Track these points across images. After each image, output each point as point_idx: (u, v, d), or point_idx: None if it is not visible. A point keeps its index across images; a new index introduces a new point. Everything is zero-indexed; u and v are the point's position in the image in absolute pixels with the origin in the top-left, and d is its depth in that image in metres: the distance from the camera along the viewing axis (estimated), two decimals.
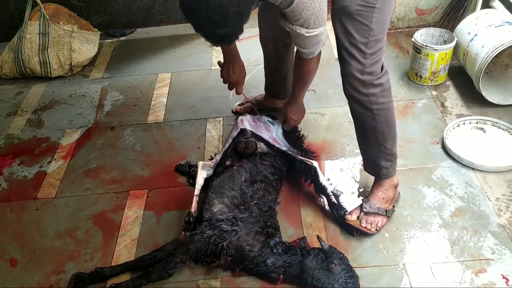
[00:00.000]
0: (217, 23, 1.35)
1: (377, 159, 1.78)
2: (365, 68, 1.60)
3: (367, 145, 1.79)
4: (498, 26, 2.34)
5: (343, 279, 1.56)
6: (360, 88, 1.64)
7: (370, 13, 1.55)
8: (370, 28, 1.56)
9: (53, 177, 2.19)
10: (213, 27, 1.36)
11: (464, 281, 1.63)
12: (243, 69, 2.07)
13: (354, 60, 1.60)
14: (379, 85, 1.64)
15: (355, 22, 1.56)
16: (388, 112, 1.71)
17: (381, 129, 1.71)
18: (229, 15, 1.32)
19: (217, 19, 1.33)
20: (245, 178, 1.83)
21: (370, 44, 1.58)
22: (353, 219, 1.81)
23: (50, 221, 1.98)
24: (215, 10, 1.30)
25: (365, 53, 1.59)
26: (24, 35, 2.81)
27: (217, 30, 1.37)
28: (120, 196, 2.07)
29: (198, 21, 1.37)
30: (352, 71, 1.61)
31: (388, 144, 1.75)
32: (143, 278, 1.64)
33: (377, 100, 1.66)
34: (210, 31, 1.39)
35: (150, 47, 3.13)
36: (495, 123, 2.24)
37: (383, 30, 1.62)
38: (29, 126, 2.54)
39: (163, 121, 2.49)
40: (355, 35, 1.57)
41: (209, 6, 1.30)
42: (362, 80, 1.62)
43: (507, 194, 1.93)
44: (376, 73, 1.63)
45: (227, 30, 1.38)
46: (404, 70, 2.68)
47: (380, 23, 1.58)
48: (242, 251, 1.66)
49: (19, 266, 1.81)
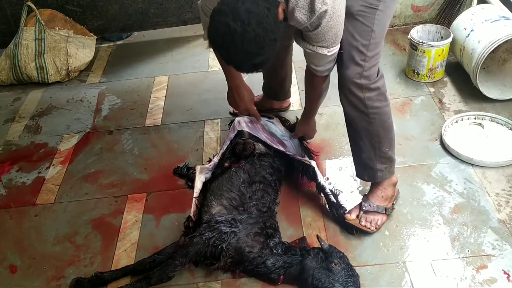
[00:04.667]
0: (253, 54, 1.31)
1: (372, 162, 1.75)
2: (363, 71, 1.58)
3: (361, 150, 1.75)
4: (494, 21, 2.33)
5: (344, 278, 1.56)
6: (357, 92, 1.61)
7: (372, 15, 1.53)
8: (372, 30, 1.54)
9: (52, 183, 2.19)
10: (248, 59, 1.32)
11: (465, 278, 1.63)
12: (250, 92, 2.00)
13: (353, 62, 1.58)
14: (375, 89, 1.62)
15: (357, 23, 1.54)
16: (385, 116, 1.69)
17: (377, 133, 1.69)
18: (264, 44, 1.29)
19: (253, 50, 1.29)
20: (244, 179, 1.83)
21: (371, 47, 1.56)
22: (353, 218, 1.81)
23: (50, 227, 1.98)
24: (251, 42, 1.26)
25: (366, 55, 1.57)
26: (20, 41, 2.82)
27: (253, 60, 1.33)
28: (119, 200, 2.07)
29: (232, 55, 1.33)
30: (350, 74, 1.59)
31: (384, 147, 1.72)
32: (143, 281, 1.64)
33: (373, 104, 1.64)
34: (244, 62, 1.35)
35: (147, 51, 3.13)
36: (494, 118, 2.23)
37: (384, 34, 1.61)
38: (27, 132, 2.54)
39: (161, 124, 2.49)
40: (357, 37, 1.55)
41: (244, 39, 1.25)
42: (359, 83, 1.60)
43: (506, 189, 1.92)
44: (372, 77, 1.61)
45: (262, 58, 1.34)
46: (401, 68, 2.67)
47: (382, 25, 1.57)
48: (241, 252, 1.65)
49: (19, 273, 1.81)
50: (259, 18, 1.26)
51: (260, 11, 1.28)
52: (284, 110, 2.46)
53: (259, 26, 1.26)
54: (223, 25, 1.27)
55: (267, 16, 1.27)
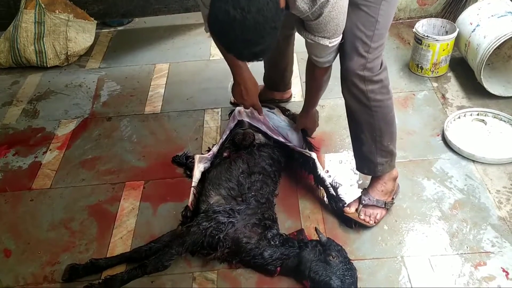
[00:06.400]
0: (252, 42, 1.27)
1: (373, 156, 1.73)
2: (367, 62, 1.55)
3: (362, 143, 1.73)
4: (501, 17, 2.30)
5: (341, 271, 1.55)
6: (359, 84, 1.59)
7: (377, 5, 1.50)
8: (377, 20, 1.51)
9: (48, 168, 2.17)
10: (248, 47, 1.28)
11: (463, 274, 1.61)
12: (256, 86, 1.92)
13: (357, 54, 1.55)
14: (378, 81, 1.60)
15: (361, 13, 1.51)
16: (387, 109, 1.66)
17: (378, 126, 1.66)
18: (265, 32, 1.25)
19: (253, 38, 1.25)
20: (243, 170, 1.81)
21: (375, 38, 1.53)
22: (352, 211, 1.79)
23: (45, 212, 1.96)
24: (251, 30, 1.22)
25: (369, 46, 1.54)
26: (19, 24, 2.78)
27: (252, 48, 1.29)
28: (116, 187, 2.05)
29: (231, 42, 1.29)
30: (353, 66, 1.56)
31: (385, 141, 1.70)
32: (138, 269, 1.63)
33: (375, 96, 1.61)
34: (244, 51, 1.31)
35: (148, 37, 3.09)
36: (497, 115, 2.21)
37: (388, 25, 1.57)
38: (24, 116, 2.51)
39: (160, 112, 2.46)
40: (361, 27, 1.52)
41: (244, 27, 1.21)
42: (362, 75, 1.57)
43: (507, 187, 1.91)
44: (376, 69, 1.58)
45: (262, 47, 1.30)
46: (405, 62, 2.64)
47: (387, 16, 1.54)
48: (239, 243, 1.64)
49: (13, 257, 1.79)
50: (260, 5, 1.21)
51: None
52: (285, 101, 2.44)
53: (259, 14, 1.22)
54: (223, 12, 1.22)
55: (268, 4, 1.23)
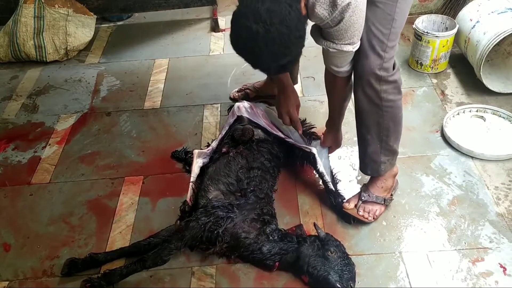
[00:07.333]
0: (279, 55, 1.22)
1: (377, 156, 1.71)
2: (383, 62, 1.51)
3: (368, 144, 1.71)
4: (501, 13, 2.30)
5: (339, 266, 1.55)
6: (374, 84, 1.55)
7: (394, 3, 1.46)
8: (394, 18, 1.47)
9: (48, 163, 2.17)
10: (275, 60, 1.24)
11: (461, 270, 1.62)
12: (297, 96, 1.85)
13: (374, 52, 1.50)
14: (393, 81, 1.57)
15: (377, 10, 1.47)
16: (397, 109, 1.65)
17: (386, 126, 1.65)
18: (290, 42, 1.21)
19: (279, 50, 1.21)
20: (242, 165, 1.81)
21: (391, 37, 1.50)
22: (351, 207, 1.80)
23: (44, 207, 1.96)
24: (276, 42, 1.19)
25: (386, 45, 1.50)
26: (19, 18, 2.77)
27: (280, 61, 1.24)
28: (116, 182, 2.05)
29: (257, 58, 1.25)
30: (370, 65, 1.52)
31: (391, 141, 1.69)
32: (137, 264, 1.62)
33: (388, 97, 1.59)
34: (271, 64, 1.26)
35: (148, 32, 3.09)
36: (496, 111, 2.21)
37: (403, 24, 1.54)
38: (23, 111, 2.51)
39: (160, 107, 2.46)
40: (378, 26, 1.48)
41: (268, 40, 1.17)
42: (379, 75, 1.53)
43: (506, 183, 1.91)
44: (390, 69, 1.56)
45: (289, 58, 1.26)
46: (404, 58, 2.64)
47: (403, 14, 1.51)
48: (237, 238, 1.64)
49: (12, 251, 1.80)
50: (282, 16, 1.18)
51: (282, 8, 1.19)
52: None
53: (282, 25, 1.18)
54: (244, 28, 1.19)
55: (290, 13, 1.19)
